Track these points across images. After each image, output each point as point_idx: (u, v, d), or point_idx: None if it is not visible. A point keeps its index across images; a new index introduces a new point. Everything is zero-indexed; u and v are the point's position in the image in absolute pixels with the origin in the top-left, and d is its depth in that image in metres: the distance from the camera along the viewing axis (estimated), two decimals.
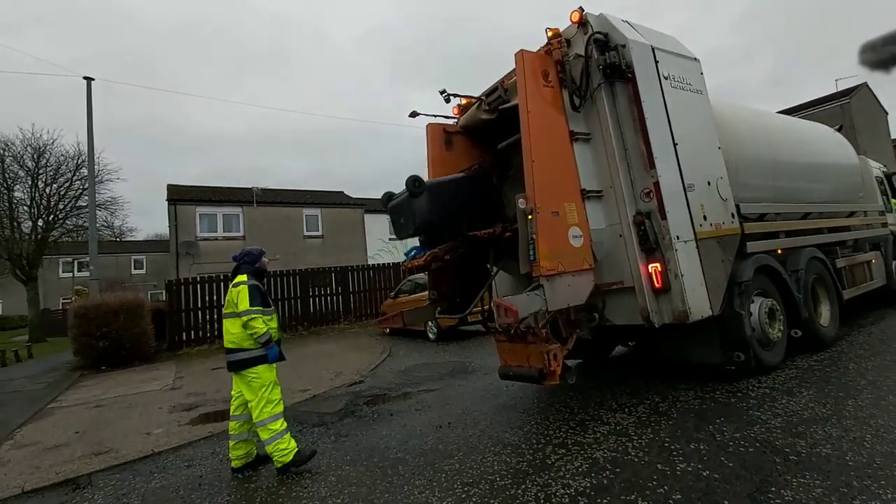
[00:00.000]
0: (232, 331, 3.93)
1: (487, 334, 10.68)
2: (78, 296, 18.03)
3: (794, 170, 6.29)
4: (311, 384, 7.13)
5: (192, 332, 13.68)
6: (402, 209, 4.75)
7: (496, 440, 3.94)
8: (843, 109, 27.76)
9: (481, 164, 5.38)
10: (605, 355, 6.48)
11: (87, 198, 20.51)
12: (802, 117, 9.80)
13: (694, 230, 4.29)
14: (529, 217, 3.87)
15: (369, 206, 25.24)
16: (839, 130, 8.75)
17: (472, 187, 5.07)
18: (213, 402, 6.66)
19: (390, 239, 25.91)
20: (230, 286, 4.09)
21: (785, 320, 5.15)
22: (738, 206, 4.91)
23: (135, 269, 40.52)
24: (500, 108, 4.96)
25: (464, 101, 5.68)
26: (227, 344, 3.98)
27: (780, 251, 5.52)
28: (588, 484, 2.96)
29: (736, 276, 4.66)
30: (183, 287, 13.79)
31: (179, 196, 20.26)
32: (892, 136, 31.08)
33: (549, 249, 3.83)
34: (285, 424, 3.89)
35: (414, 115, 5.83)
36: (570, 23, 4.43)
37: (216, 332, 13.49)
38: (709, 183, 4.64)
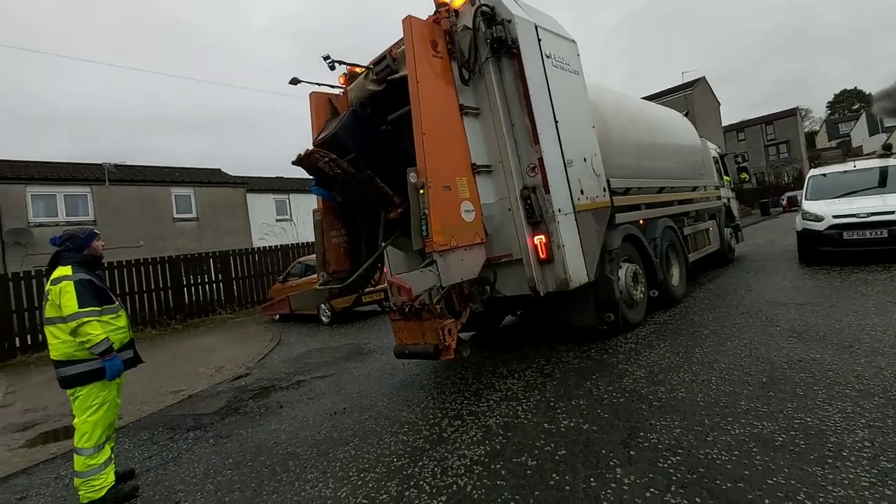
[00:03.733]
0: (60, 337, 3.14)
1: (384, 314, 10.59)
2: None
3: (653, 149, 7.07)
4: (185, 383, 6.37)
5: (29, 337, 11.41)
6: (336, 120, 4.86)
7: (393, 420, 3.88)
8: (686, 99, 32.21)
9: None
10: (496, 326, 6.76)
11: None
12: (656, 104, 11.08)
13: (573, 203, 4.57)
14: (421, 192, 3.77)
15: (252, 184, 23.21)
16: (686, 116, 10.06)
17: (398, 151, 4.91)
18: (57, 417, 5.61)
19: (278, 220, 24.23)
20: (48, 283, 3.22)
21: (645, 282, 5.82)
22: (608, 181, 5.36)
23: None
24: (388, 78, 4.73)
25: (349, 70, 5.34)
26: (53, 355, 3.17)
27: (641, 221, 6.19)
28: (482, 451, 3.03)
29: (607, 245, 5.11)
30: (12, 283, 11.37)
31: (1, 174, 16.51)
32: (723, 124, 36.90)
33: (441, 224, 3.78)
34: (108, 455, 3.23)
35: (295, 81, 5.35)
36: None
37: None
38: (585, 159, 4.97)
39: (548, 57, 4.69)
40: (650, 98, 28.27)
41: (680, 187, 7.86)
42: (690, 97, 32.33)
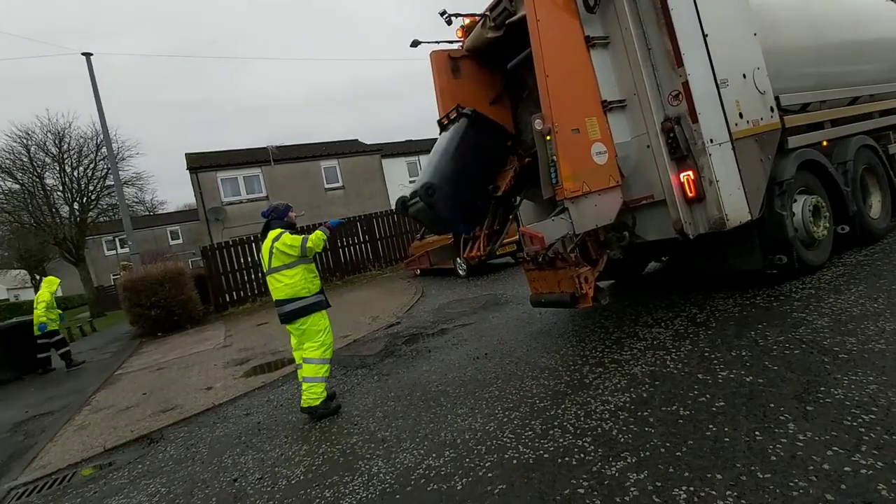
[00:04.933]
0: (284, 281, 4.02)
1: (517, 265, 10.71)
2: (125, 271, 18.97)
3: (842, 51, 5.64)
4: (350, 330, 7.39)
5: (234, 293, 14.31)
6: (427, 215, 4.48)
7: (533, 366, 4.00)
8: None
9: (459, 108, 4.72)
10: (638, 273, 6.36)
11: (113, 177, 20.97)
12: None
13: (729, 130, 3.96)
14: (548, 138, 3.65)
15: (385, 150, 24.83)
16: None
17: (474, 141, 4.60)
18: (263, 355, 7.03)
19: (411, 181, 25.68)
20: (267, 243, 4.09)
21: (831, 216, 4.85)
22: (777, 99, 4.49)
23: (172, 239, 42.00)
24: (506, 22, 4.55)
25: (467, 22, 5.26)
26: (278, 296, 4.06)
27: (825, 143, 5.09)
28: (627, 398, 2.98)
29: (777, 176, 4.35)
30: (218, 252, 14.26)
31: (199, 163, 20.41)
32: None
33: (571, 170, 3.63)
34: (329, 374, 4.11)
35: (415, 44, 5.46)
36: None
37: (256, 291, 14.06)
38: (744, 76, 4.21)
39: None
40: None
41: (883, 94, 6.20)
42: None
